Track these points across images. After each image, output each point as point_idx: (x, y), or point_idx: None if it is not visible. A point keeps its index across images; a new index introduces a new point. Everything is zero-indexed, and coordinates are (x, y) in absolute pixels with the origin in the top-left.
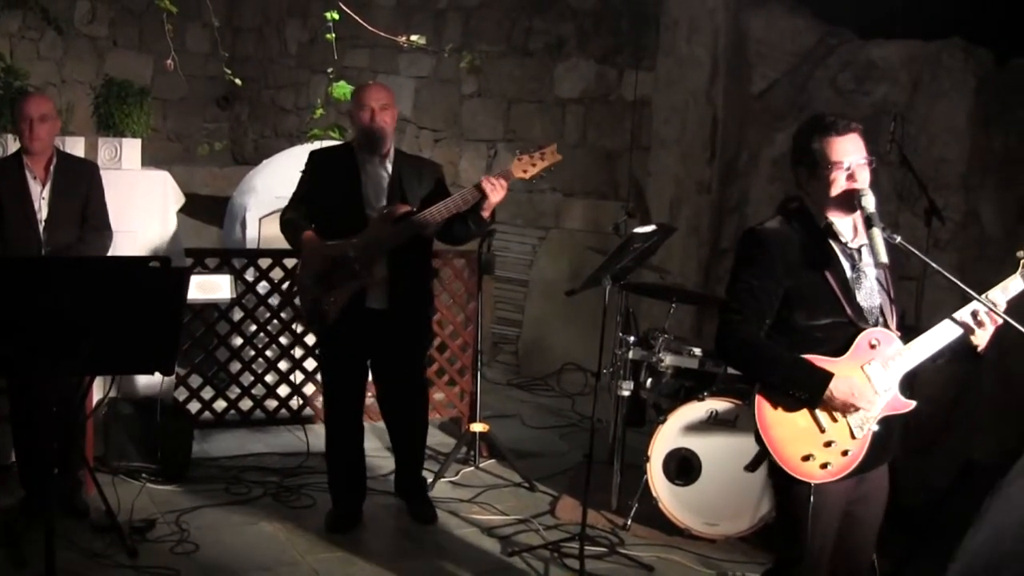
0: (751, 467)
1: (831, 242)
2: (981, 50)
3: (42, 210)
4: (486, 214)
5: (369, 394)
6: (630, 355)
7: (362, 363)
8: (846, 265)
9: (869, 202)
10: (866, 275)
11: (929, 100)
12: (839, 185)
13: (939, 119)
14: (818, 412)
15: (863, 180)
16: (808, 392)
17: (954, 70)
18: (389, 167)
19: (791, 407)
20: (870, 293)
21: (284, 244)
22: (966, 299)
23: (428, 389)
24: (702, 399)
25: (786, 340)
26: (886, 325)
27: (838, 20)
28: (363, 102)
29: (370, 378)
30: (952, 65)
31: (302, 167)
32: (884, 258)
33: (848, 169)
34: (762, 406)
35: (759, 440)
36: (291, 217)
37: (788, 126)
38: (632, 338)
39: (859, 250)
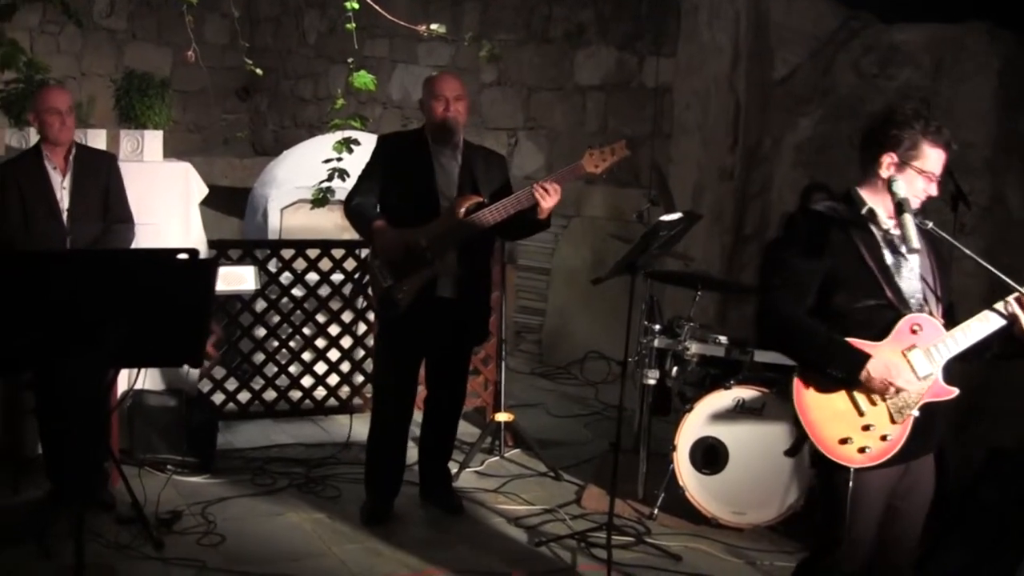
0: (791, 452)
1: (872, 227)
2: (1005, 33)
3: (64, 200)
4: (542, 217)
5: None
6: (655, 343)
7: (422, 352)
8: (886, 250)
9: (900, 188)
10: (908, 260)
11: (953, 84)
12: (914, 188)
13: (963, 103)
14: (857, 395)
15: (932, 191)
16: (845, 370)
17: (978, 53)
18: (459, 157)
19: (829, 388)
20: (911, 278)
21: (306, 234)
22: (992, 285)
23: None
24: (728, 387)
25: (828, 323)
26: (929, 312)
27: (860, 4)
28: (437, 92)
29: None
30: (976, 48)
31: (328, 154)
32: (916, 244)
33: (932, 181)
34: (800, 388)
35: (797, 423)
36: (359, 203)
37: (811, 111)
38: (657, 326)
39: (901, 236)
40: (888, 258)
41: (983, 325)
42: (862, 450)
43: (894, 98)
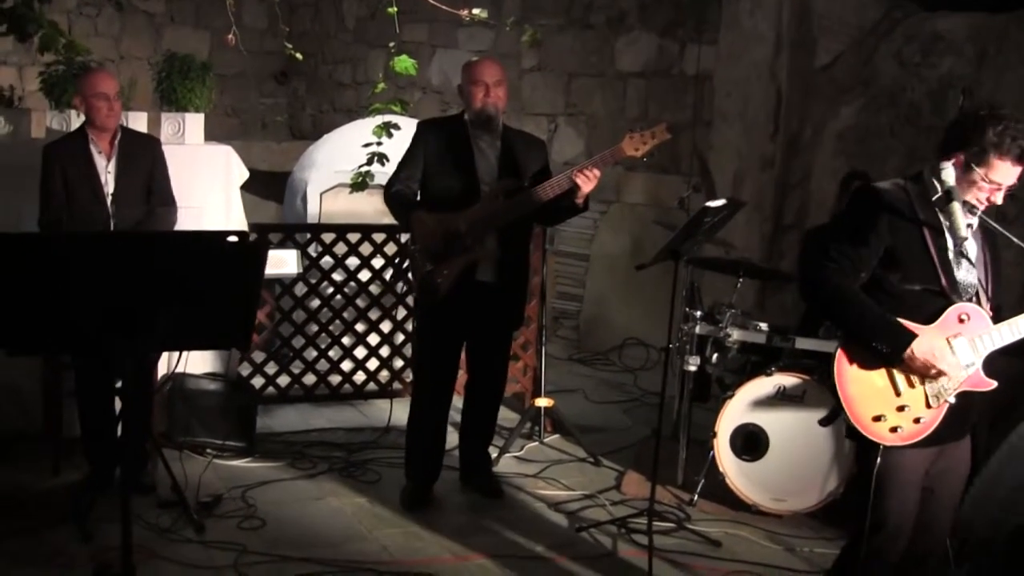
0: (825, 421)
1: (940, 214)
2: None
3: (108, 184)
4: (579, 201)
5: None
6: (697, 330)
7: (463, 336)
8: (949, 241)
9: (949, 175)
10: (967, 251)
11: (996, 73)
12: (977, 193)
13: (1006, 92)
14: (896, 375)
15: (996, 200)
16: (891, 345)
17: (1021, 43)
18: (499, 143)
19: (871, 364)
20: (969, 270)
21: (346, 219)
22: None
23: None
24: (770, 374)
25: (878, 301)
26: (980, 303)
27: None
28: (477, 78)
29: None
30: (1019, 38)
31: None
32: (964, 232)
33: (997, 191)
34: (842, 361)
35: (835, 394)
36: (399, 190)
37: (853, 100)
38: (699, 313)
39: (968, 226)
40: (950, 246)
41: None
42: (894, 429)
43: (936, 88)
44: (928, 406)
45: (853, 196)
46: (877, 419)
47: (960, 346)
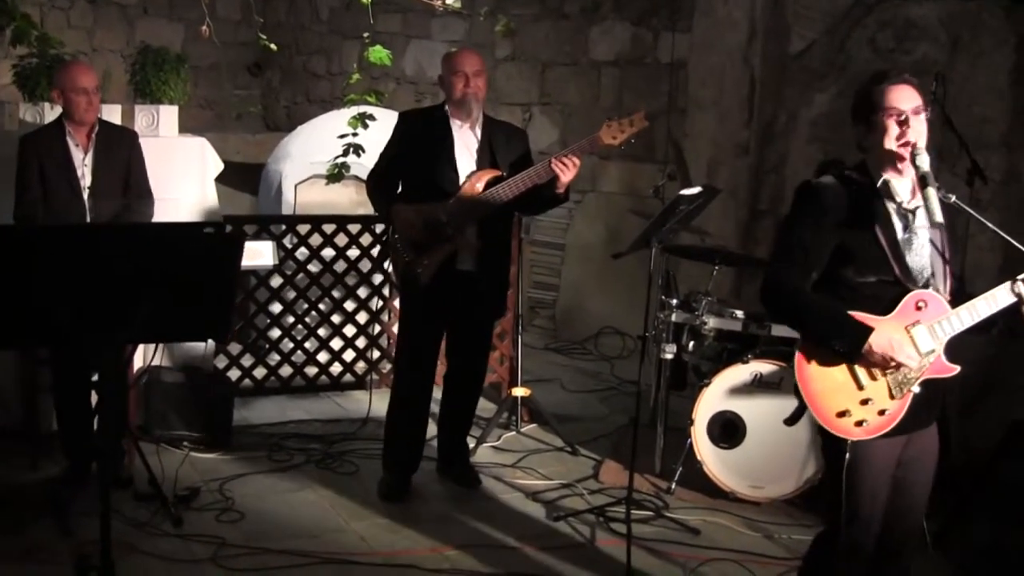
0: (790, 421)
1: (885, 201)
2: (1022, 9)
3: (85, 177)
4: (560, 191)
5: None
6: (673, 318)
7: (443, 325)
8: (898, 225)
9: (924, 161)
10: (918, 236)
11: (970, 59)
12: (892, 133)
13: (980, 78)
14: (857, 369)
15: (917, 132)
16: (847, 344)
17: (995, 29)
18: (479, 132)
19: (830, 361)
20: (921, 255)
21: (321, 210)
22: (1008, 260)
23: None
24: (746, 362)
25: (834, 296)
26: (936, 288)
27: None
28: (457, 68)
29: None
30: (993, 24)
31: (338, 131)
32: (939, 217)
33: (900, 116)
34: (801, 360)
35: (798, 394)
36: (380, 181)
37: (827, 87)
38: (675, 301)
39: (914, 211)
40: (899, 233)
41: (989, 305)
42: (860, 423)
43: (910, 74)
44: (892, 397)
45: (796, 195)
46: (842, 415)
47: (919, 334)
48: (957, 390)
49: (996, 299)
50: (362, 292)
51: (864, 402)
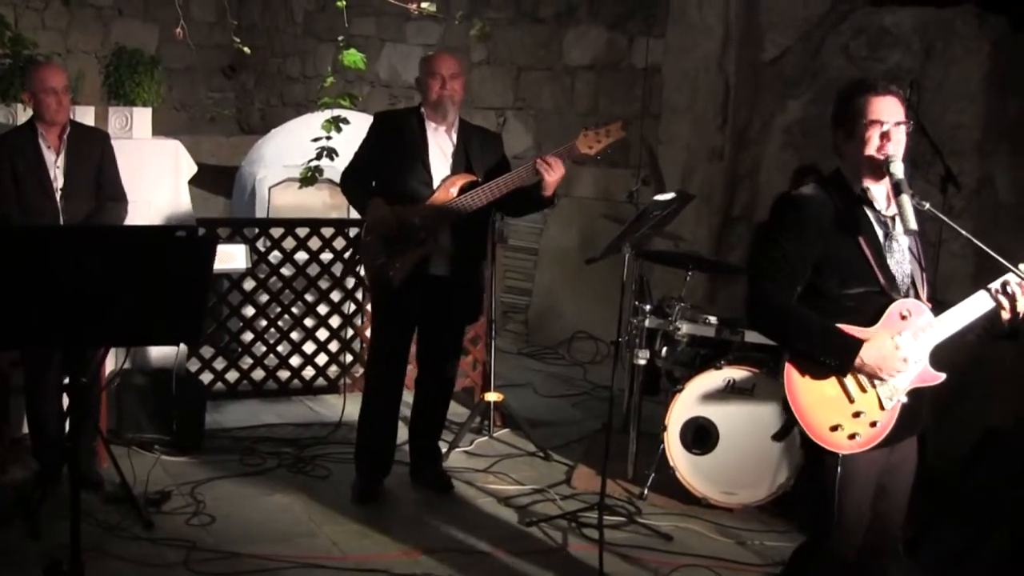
0: (779, 436)
1: (865, 209)
2: (995, 17)
3: (58, 179)
4: (547, 193)
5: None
6: (646, 323)
7: (413, 329)
8: (879, 233)
9: (898, 168)
10: (899, 244)
11: (943, 67)
12: (873, 144)
13: (953, 85)
14: (847, 381)
15: (897, 143)
16: (839, 359)
17: (968, 37)
18: (454, 136)
19: (820, 375)
20: (902, 263)
21: (295, 213)
22: (980, 267)
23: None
24: (719, 368)
25: (817, 308)
26: (917, 296)
27: None
28: (434, 70)
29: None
30: (966, 32)
31: (312, 133)
32: (914, 225)
33: (883, 128)
34: (791, 373)
35: (787, 409)
36: (355, 179)
37: (800, 93)
38: (648, 306)
39: (893, 218)
40: (881, 239)
41: (970, 310)
42: (852, 436)
43: (884, 81)
44: (882, 408)
45: (775, 207)
46: (834, 428)
47: (906, 343)
48: (931, 396)
49: (977, 305)
50: (335, 296)
51: (856, 415)
